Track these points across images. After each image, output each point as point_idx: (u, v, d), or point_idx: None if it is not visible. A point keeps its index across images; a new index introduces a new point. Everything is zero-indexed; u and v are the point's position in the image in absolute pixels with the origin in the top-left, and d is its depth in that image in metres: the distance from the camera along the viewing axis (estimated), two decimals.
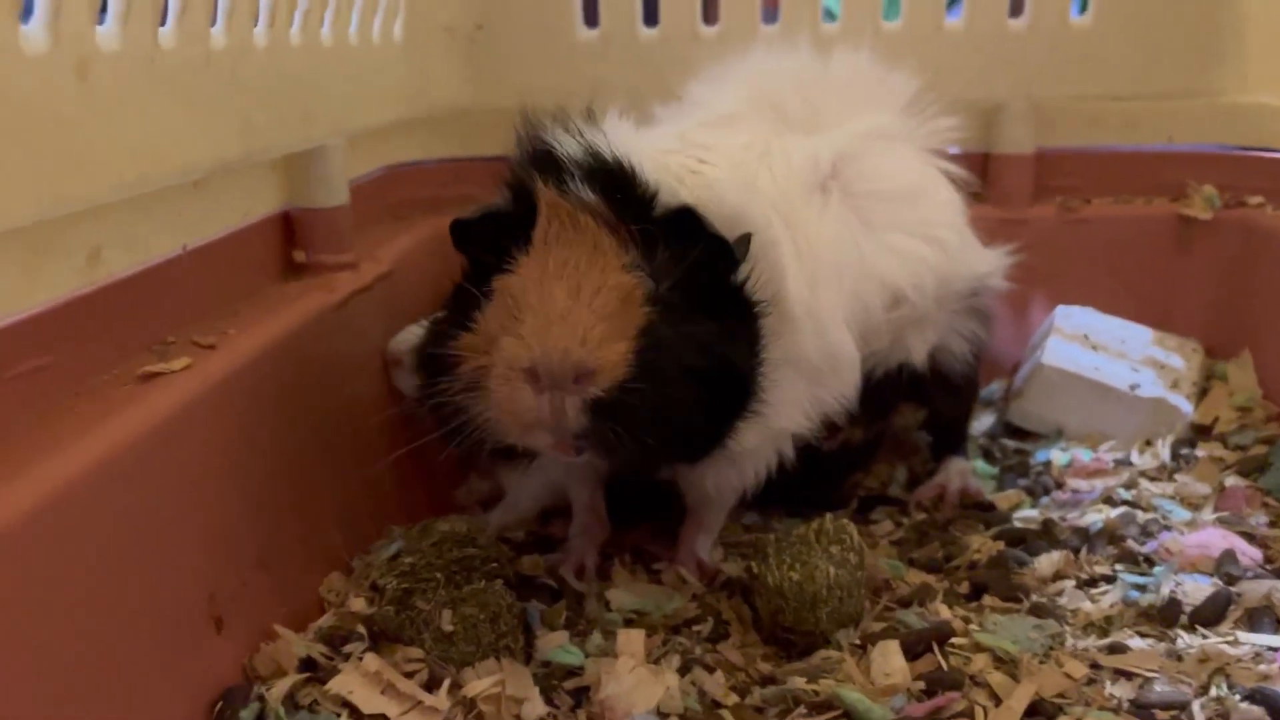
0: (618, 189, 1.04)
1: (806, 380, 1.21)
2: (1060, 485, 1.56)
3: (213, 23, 1.13)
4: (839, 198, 1.30)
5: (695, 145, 1.24)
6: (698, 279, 1.04)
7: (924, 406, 1.63)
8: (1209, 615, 1.16)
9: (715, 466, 1.22)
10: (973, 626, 1.16)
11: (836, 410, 1.27)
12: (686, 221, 1.04)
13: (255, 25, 1.22)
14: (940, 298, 1.41)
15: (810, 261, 1.21)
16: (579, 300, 0.98)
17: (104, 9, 0.96)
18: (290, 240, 1.42)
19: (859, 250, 1.29)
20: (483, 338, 1.01)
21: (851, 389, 1.28)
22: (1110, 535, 1.36)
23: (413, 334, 1.46)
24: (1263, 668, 1.06)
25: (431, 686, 1.04)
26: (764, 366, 1.09)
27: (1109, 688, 1.05)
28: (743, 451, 1.18)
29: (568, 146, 1.05)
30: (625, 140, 1.09)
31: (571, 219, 1.02)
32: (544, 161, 1.06)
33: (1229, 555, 1.26)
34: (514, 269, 1.02)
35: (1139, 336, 1.80)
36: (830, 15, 1.90)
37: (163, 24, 1.04)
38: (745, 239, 1.08)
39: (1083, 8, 1.87)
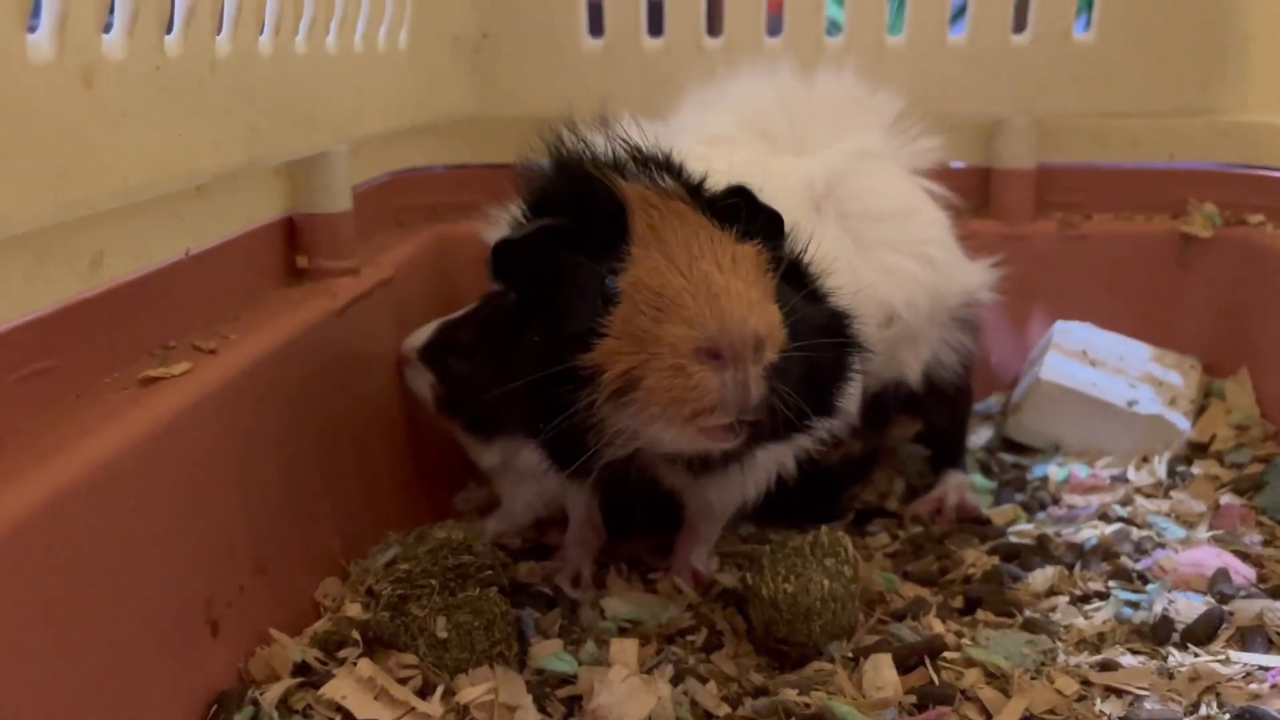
0: (674, 173, 1.04)
1: None
2: (1057, 500, 1.56)
3: (218, 31, 1.14)
4: (833, 218, 1.31)
5: (696, 159, 1.25)
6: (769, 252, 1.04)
7: (919, 419, 1.63)
8: (1201, 634, 1.16)
9: (720, 478, 1.22)
10: (965, 641, 1.17)
11: (837, 425, 1.28)
12: (741, 200, 1.04)
13: (260, 34, 1.23)
14: (933, 314, 1.42)
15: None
16: (727, 273, 0.95)
17: (110, 16, 0.97)
18: (293, 245, 1.43)
19: (852, 269, 1.30)
20: (626, 339, 0.96)
21: (851, 404, 1.29)
22: (1105, 552, 1.37)
23: (426, 333, 1.48)
24: (1254, 687, 1.06)
25: (425, 693, 1.05)
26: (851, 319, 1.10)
27: (1099, 705, 1.05)
28: (747, 463, 1.19)
29: (621, 146, 1.05)
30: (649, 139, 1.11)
31: (666, 206, 1.00)
32: (604, 162, 1.05)
33: (1222, 574, 1.26)
34: (628, 266, 0.98)
35: (1137, 353, 1.80)
36: (835, 27, 1.91)
37: (168, 32, 1.05)
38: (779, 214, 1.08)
39: (1086, 25, 1.87)
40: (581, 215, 1.03)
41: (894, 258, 1.35)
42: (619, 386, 0.96)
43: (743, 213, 1.03)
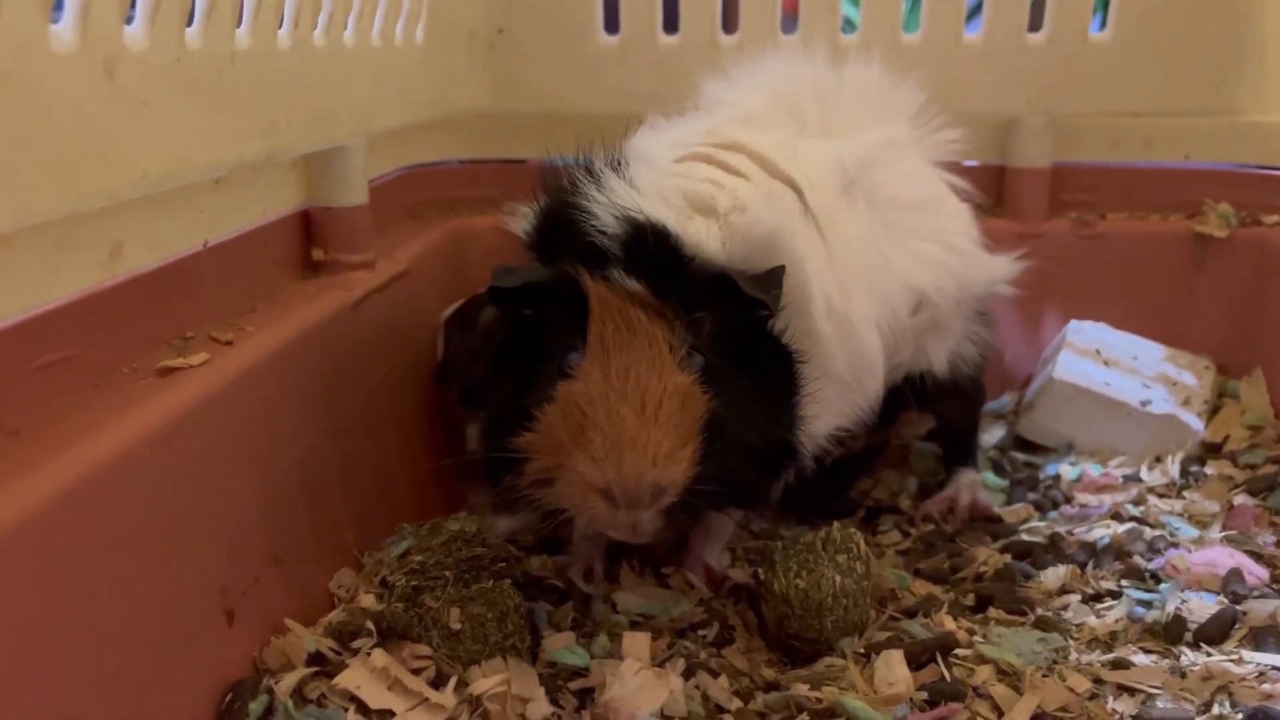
0: (656, 260, 1.05)
1: (837, 389, 1.23)
2: (1069, 500, 1.56)
3: (238, 24, 1.14)
4: (863, 202, 1.32)
5: (725, 142, 1.26)
6: (738, 336, 1.07)
7: (931, 413, 1.63)
8: (1213, 633, 1.16)
9: None
10: (977, 638, 1.17)
11: (861, 417, 1.29)
12: (726, 285, 1.05)
13: (279, 27, 1.24)
14: (959, 302, 1.43)
15: (843, 262, 1.23)
16: (645, 417, 1.00)
17: (132, 8, 0.97)
18: (309, 239, 1.43)
19: (883, 254, 1.31)
20: (549, 441, 1.03)
21: (876, 395, 1.30)
22: (1117, 551, 1.37)
23: (458, 303, 1.52)
24: (1266, 687, 1.06)
25: (438, 684, 1.05)
26: (802, 421, 1.13)
27: (1111, 703, 1.05)
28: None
29: (604, 222, 1.06)
30: (655, 177, 1.11)
31: (623, 315, 1.04)
32: (582, 247, 1.06)
33: (1235, 574, 1.26)
34: (574, 373, 1.03)
35: (1151, 353, 1.80)
36: (850, 25, 1.91)
37: (189, 24, 1.05)
38: (779, 272, 1.09)
39: (1102, 24, 1.87)
40: (559, 282, 1.07)
41: (922, 245, 1.37)
42: (539, 477, 1.05)
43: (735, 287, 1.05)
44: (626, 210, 1.07)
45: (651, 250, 1.05)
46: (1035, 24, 1.85)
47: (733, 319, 1.07)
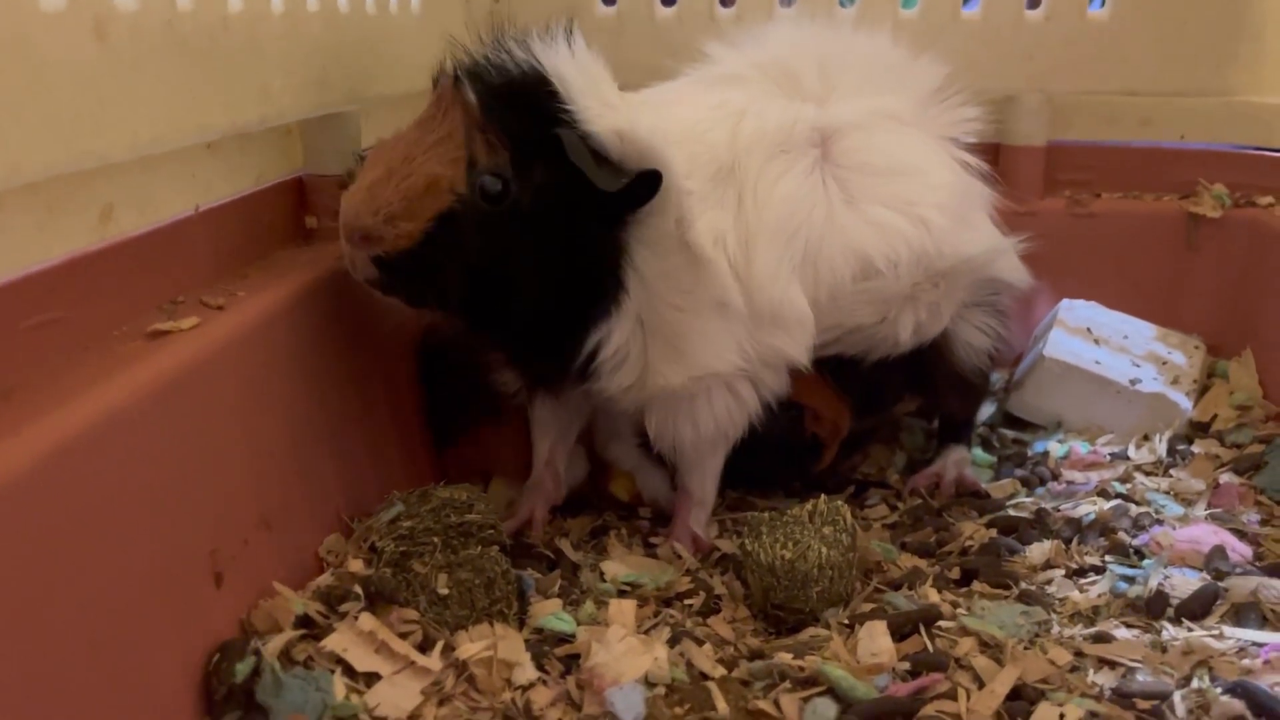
0: (522, 98, 1.14)
1: (740, 324, 1.25)
2: (1056, 476, 1.57)
3: None
4: (814, 163, 1.33)
5: (661, 102, 1.32)
6: (567, 206, 1.14)
7: (930, 401, 1.62)
8: (1195, 609, 1.17)
9: (658, 410, 1.28)
10: (961, 611, 1.18)
11: (793, 362, 1.31)
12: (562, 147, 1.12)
13: None
14: (934, 275, 1.40)
15: (754, 217, 1.26)
16: (390, 176, 1.13)
17: None
18: (303, 206, 1.43)
19: (830, 215, 1.31)
20: None
21: (802, 351, 1.31)
22: (1102, 527, 1.37)
23: None
24: (1245, 662, 1.07)
25: (425, 648, 1.06)
26: (604, 300, 1.19)
27: (1092, 675, 1.06)
28: (680, 395, 1.25)
29: (504, 48, 1.17)
30: (581, 67, 1.18)
31: (445, 109, 1.16)
32: (469, 59, 1.19)
33: (1218, 551, 1.27)
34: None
35: (1142, 332, 1.80)
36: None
37: None
38: (649, 176, 1.13)
39: (1100, 2, 1.87)
40: None
41: (884, 213, 1.34)
42: None
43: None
44: (526, 53, 1.16)
45: (523, 84, 1.15)
46: (1033, 1, 1.85)
47: (568, 189, 1.12)
